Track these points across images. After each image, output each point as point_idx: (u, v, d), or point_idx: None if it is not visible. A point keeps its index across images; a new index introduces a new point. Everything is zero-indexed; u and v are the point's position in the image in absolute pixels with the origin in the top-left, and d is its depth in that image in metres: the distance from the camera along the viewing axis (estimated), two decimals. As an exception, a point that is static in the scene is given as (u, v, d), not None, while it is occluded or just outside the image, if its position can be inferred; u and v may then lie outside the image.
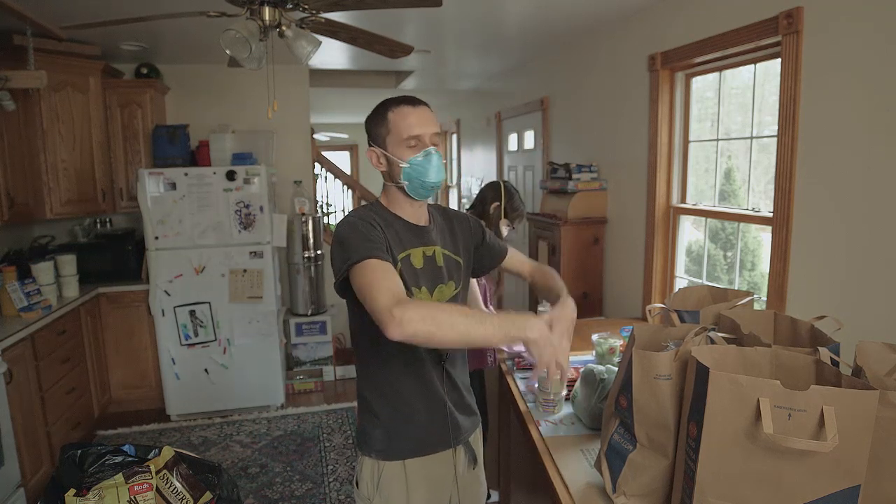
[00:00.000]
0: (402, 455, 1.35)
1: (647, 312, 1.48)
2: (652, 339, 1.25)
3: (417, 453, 1.36)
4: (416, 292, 1.30)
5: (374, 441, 1.35)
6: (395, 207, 1.36)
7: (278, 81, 4.04)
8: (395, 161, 1.29)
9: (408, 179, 1.30)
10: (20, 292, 2.85)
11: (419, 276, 1.32)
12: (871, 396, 0.87)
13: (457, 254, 1.43)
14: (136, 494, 1.80)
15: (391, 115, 1.29)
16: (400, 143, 1.28)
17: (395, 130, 1.29)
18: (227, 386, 3.66)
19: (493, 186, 2.41)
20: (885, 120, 1.67)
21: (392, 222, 1.32)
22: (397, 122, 1.29)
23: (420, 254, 1.33)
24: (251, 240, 3.57)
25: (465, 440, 1.44)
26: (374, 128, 1.33)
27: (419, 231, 1.36)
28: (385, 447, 1.34)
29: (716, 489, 0.95)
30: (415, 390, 1.34)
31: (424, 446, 1.36)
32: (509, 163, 5.05)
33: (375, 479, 1.35)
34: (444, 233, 1.43)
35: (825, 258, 1.90)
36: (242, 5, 1.98)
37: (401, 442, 1.35)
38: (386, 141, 1.30)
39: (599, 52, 3.31)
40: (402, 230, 1.33)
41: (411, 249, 1.32)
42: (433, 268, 1.35)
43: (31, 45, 2.89)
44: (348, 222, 1.26)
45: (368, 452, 1.36)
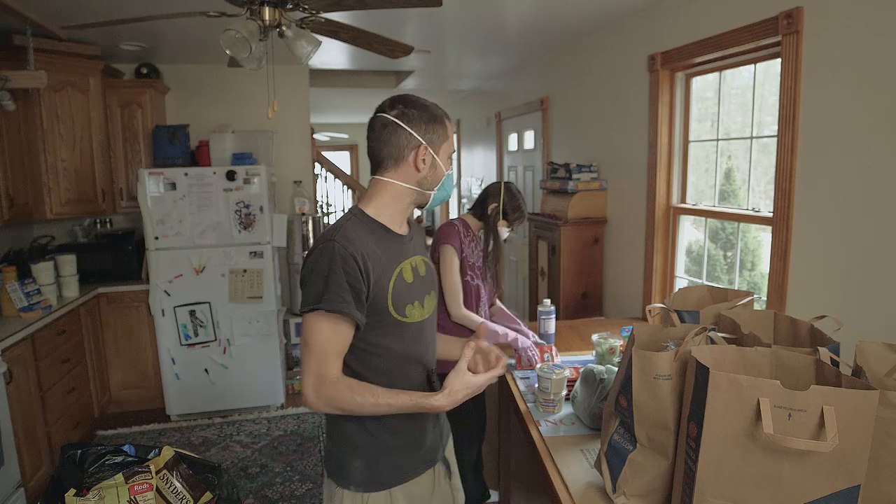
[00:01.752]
0: (386, 484, 1.28)
1: (647, 312, 1.48)
2: (652, 339, 1.25)
3: (402, 479, 1.30)
4: (411, 310, 1.26)
5: (353, 473, 1.27)
6: (382, 215, 1.27)
7: (278, 81, 4.04)
8: (441, 169, 1.29)
9: (440, 189, 1.31)
10: (20, 292, 2.85)
11: (413, 292, 1.27)
12: (871, 396, 0.87)
13: (431, 259, 1.44)
14: (136, 494, 1.80)
15: (448, 125, 1.30)
16: (448, 155, 1.31)
17: (450, 142, 1.31)
18: (227, 386, 3.66)
19: (494, 187, 2.37)
20: (884, 120, 1.67)
21: (381, 235, 1.25)
22: (450, 136, 1.31)
23: (409, 267, 1.29)
24: (251, 240, 3.57)
25: (441, 455, 1.41)
26: (431, 127, 1.26)
27: (403, 241, 1.30)
28: (367, 479, 1.27)
29: (716, 489, 0.95)
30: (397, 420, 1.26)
31: (408, 471, 1.31)
32: (509, 163, 5.05)
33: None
34: (419, 241, 1.40)
35: (825, 258, 1.90)
36: (242, 5, 1.98)
37: (383, 471, 1.28)
38: (440, 148, 1.28)
39: (599, 52, 3.31)
40: (392, 243, 1.27)
41: (401, 264, 1.26)
42: (420, 279, 1.31)
43: (31, 45, 2.89)
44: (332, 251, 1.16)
45: (347, 486, 1.27)
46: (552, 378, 1.68)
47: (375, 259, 1.20)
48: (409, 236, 1.33)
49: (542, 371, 1.70)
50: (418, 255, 1.34)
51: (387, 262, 1.23)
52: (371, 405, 1.15)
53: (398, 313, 1.23)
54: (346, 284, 1.14)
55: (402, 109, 1.24)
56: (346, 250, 1.15)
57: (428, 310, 1.33)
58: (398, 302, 1.23)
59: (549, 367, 1.71)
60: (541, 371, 1.71)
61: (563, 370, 1.72)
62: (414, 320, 1.27)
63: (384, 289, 1.21)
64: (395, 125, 1.23)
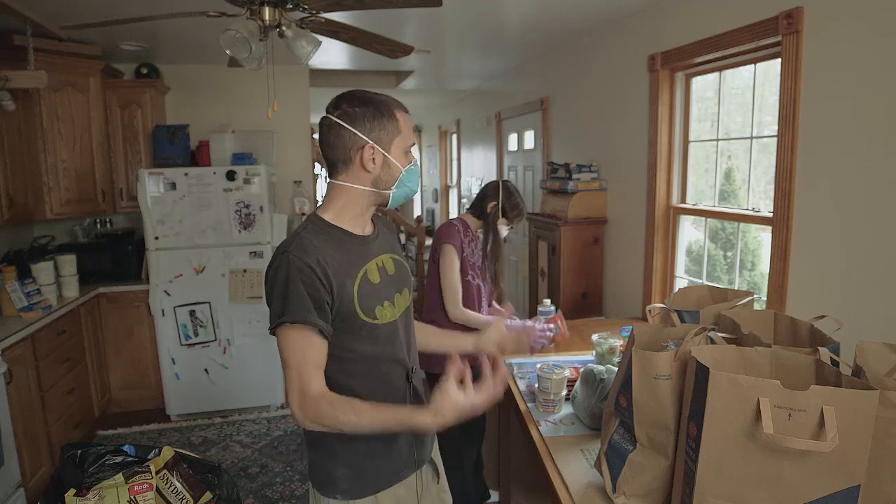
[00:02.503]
0: (371, 490, 1.25)
1: (647, 312, 1.48)
2: (652, 339, 1.25)
3: (388, 484, 1.27)
4: (381, 311, 1.22)
5: (337, 482, 1.24)
6: (342, 219, 1.23)
7: (278, 81, 4.04)
8: (396, 166, 1.22)
9: (399, 187, 1.24)
10: (20, 292, 2.85)
11: (380, 292, 1.24)
12: (871, 396, 0.87)
13: (401, 256, 1.38)
14: (136, 494, 1.80)
15: (399, 115, 1.22)
16: (402, 150, 1.22)
17: (404, 135, 1.22)
18: (227, 386, 3.66)
19: (491, 185, 2.38)
20: (884, 120, 1.67)
21: (340, 241, 1.21)
22: (404, 127, 1.22)
23: (374, 267, 1.24)
24: (251, 240, 3.57)
25: (427, 458, 1.38)
26: (377, 123, 1.18)
27: (367, 242, 1.26)
28: (351, 486, 1.24)
29: (716, 489, 0.95)
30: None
31: (393, 476, 1.28)
32: (509, 163, 5.06)
33: None
34: (388, 238, 1.36)
35: (825, 258, 1.90)
36: (242, 5, 1.98)
37: (368, 478, 1.25)
38: (392, 144, 1.20)
39: (599, 52, 3.31)
40: (353, 246, 1.22)
41: (366, 266, 1.23)
42: (388, 278, 1.28)
43: (31, 45, 2.89)
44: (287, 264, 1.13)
45: (333, 494, 1.24)
46: (552, 378, 1.68)
47: (335, 265, 1.16)
48: (373, 236, 1.29)
49: (542, 371, 1.70)
50: (385, 254, 1.30)
51: (348, 266, 1.19)
52: (353, 423, 1.11)
53: (367, 316, 1.20)
54: (305, 295, 1.11)
55: (344, 108, 1.18)
56: (302, 260, 1.12)
57: (400, 308, 1.29)
58: (365, 304, 1.20)
59: (549, 367, 1.71)
60: (541, 371, 1.71)
61: (563, 370, 1.72)
62: (385, 321, 1.24)
63: (349, 293, 1.17)
64: (339, 126, 1.18)
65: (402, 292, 1.31)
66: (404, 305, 1.31)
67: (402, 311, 1.30)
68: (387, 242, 1.34)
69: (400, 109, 1.23)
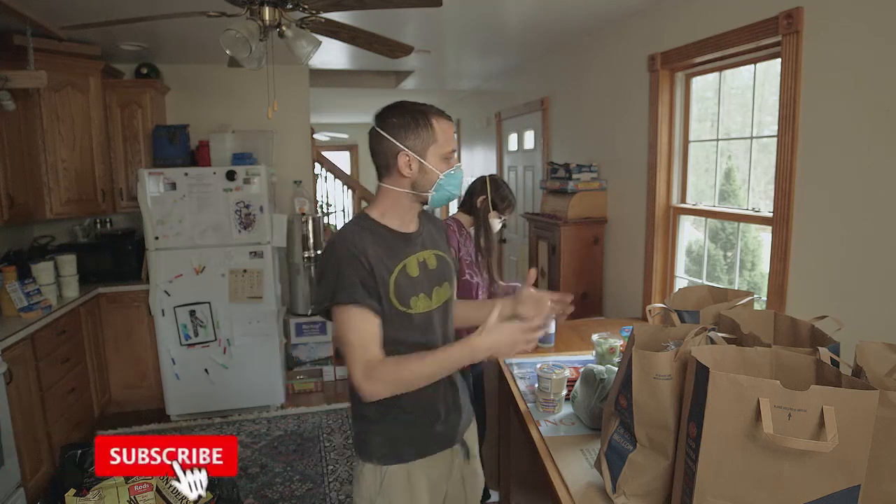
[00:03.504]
0: (404, 459, 1.36)
1: (647, 312, 1.48)
2: (652, 339, 1.25)
3: (418, 456, 1.37)
4: (416, 301, 1.33)
5: (373, 448, 1.36)
6: (388, 218, 1.35)
7: (278, 81, 4.03)
8: (433, 172, 1.32)
9: (437, 190, 1.34)
10: (20, 292, 2.85)
11: (416, 285, 1.34)
12: (871, 396, 0.87)
13: (445, 253, 1.47)
14: (136, 494, 1.80)
15: (436, 124, 1.31)
16: (441, 156, 1.32)
17: (440, 142, 1.31)
18: (227, 386, 3.66)
19: (478, 181, 2.43)
20: (884, 120, 1.67)
21: (383, 236, 1.33)
22: (440, 134, 1.31)
23: (414, 262, 1.35)
24: (251, 240, 3.57)
25: (460, 437, 1.47)
26: (412, 132, 1.30)
27: (409, 239, 1.37)
28: (386, 453, 1.36)
29: (716, 489, 0.95)
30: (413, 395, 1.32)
31: (425, 449, 1.38)
32: (509, 163, 5.05)
33: (378, 483, 1.36)
34: (433, 236, 1.46)
35: (825, 258, 1.90)
36: (242, 5, 1.98)
37: (401, 447, 1.36)
38: (427, 150, 1.31)
39: (599, 52, 3.31)
40: (395, 241, 1.34)
41: (405, 260, 1.33)
42: (427, 272, 1.37)
43: (31, 45, 2.89)
44: (335, 253, 1.27)
45: (369, 459, 1.37)
46: (552, 378, 1.68)
47: (376, 258, 1.28)
48: (417, 233, 1.39)
49: (542, 371, 1.70)
50: (428, 250, 1.40)
51: (388, 260, 1.30)
52: (418, 371, 1.21)
53: (402, 305, 1.30)
54: (356, 279, 1.24)
55: (385, 118, 1.31)
56: (349, 251, 1.26)
57: (437, 300, 1.38)
58: (401, 294, 1.30)
59: (549, 367, 1.71)
60: (541, 371, 1.71)
61: (563, 370, 1.72)
62: (419, 311, 1.34)
63: (386, 283, 1.28)
64: (380, 135, 1.31)
65: (442, 286, 1.41)
66: (443, 298, 1.41)
67: (440, 303, 1.40)
68: (431, 240, 1.44)
69: (439, 118, 1.32)
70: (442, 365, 1.23)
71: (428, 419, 1.38)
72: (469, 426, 1.53)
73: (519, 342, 1.20)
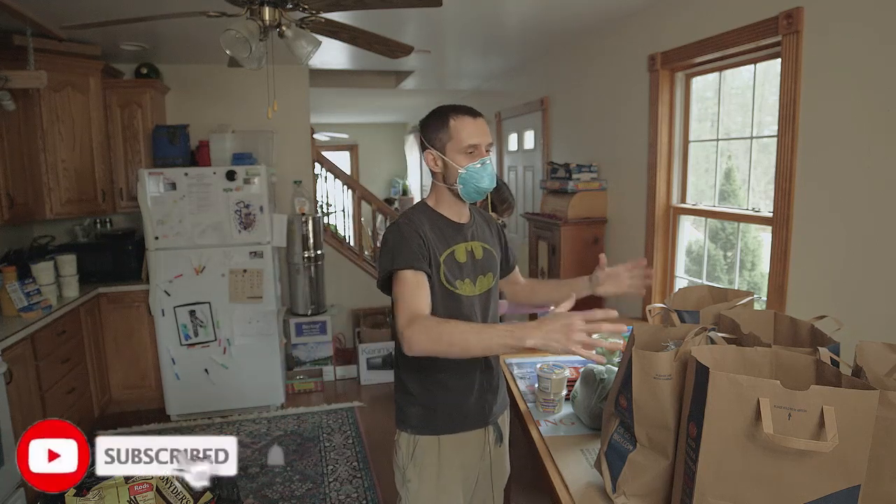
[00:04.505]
0: (436, 431, 1.46)
1: (647, 312, 1.48)
2: (652, 339, 1.25)
3: (451, 430, 1.47)
4: (461, 284, 1.44)
5: (410, 418, 1.48)
6: (441, 207, 1.48)
7: (278, 81, 4.03)
8: (453, 166, 1.41)
9: (463, 184, 1.41)
10: (20, 292, 2.85)
11: (463, 270, 1.45)
12: (871, 396, 0.87)
13: (493, 247, 1.57)
14: (136, 494, 1.80)
15: (453, 122, 1.40)
16: (460, 151, 1.40)
17: (457, 138, 1.40)
18: (227, 386, 3.66)
19: None
20: (884, 120, 1.67)
21: (437, 222, 1.46)
22: (459, 131, 1.40)
23: (462, 249, 1.46)
24: (251, 240, 3.57)
25: (494, 420, 1.55)
26: (434, 132, 1.42)
27: (461, 228, 1.48)
28: (420, 423, 1.47)
29: (716, 489, 0.95)
30: (451, 374, 1.45)
31: (458, 424, 1.48)
32: (509, 163, 5.05)
33: (411, 450, 1.47)
34: (483, 229, 1.57)
35: (825, 258, 1.90)
36: (242, 5, 1.98)
37: (436, 419, 1.46)
38: (446, 146, 1.41)
39: (599, 52, 3.31)
40: (447, 228, 1.46)
41: (455, 246, 1.45)
42: (474, 261, 1.49)
43: (31, 45, 2.89)
44: (398, 228, 1.40)
45: (405, 428, 1.49)
46: (552, 378, 1.68)
47: (432, 237, 1.41)
48: (468, 224, 1.51)
49: (543, 371, 1.70)
50: (477, 241, 1.52)
51: (439, 242, 1.43)
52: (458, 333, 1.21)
53: (448, 283, 1.42)
54: (414, 251, 1.35)
55: (422, 122, 1.46)
56: (410, 227, 1.39)
57: (480, 288, 1.49)
58: (449, 275, 1.42)
59: (549, 367, 1.71)
60: (541, 371, 1.71)
61: (563, 370, 1.72)
62: (464, 293, 1.45)
63: (437, 261, 1.41)
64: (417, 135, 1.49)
65: (486, 275, 1.51)
66: (486, 287, 1.51)
67: (483, 291, 1.50)
68: (480, 232, 1.55)
69: (457, 115, 1.41)
70: (481, 336, 1.20)
71: (464, 396, 1.47)
72: (503, 413, 1.61)
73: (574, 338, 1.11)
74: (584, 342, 1.12)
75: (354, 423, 3.56)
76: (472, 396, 1.49)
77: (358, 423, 3.58)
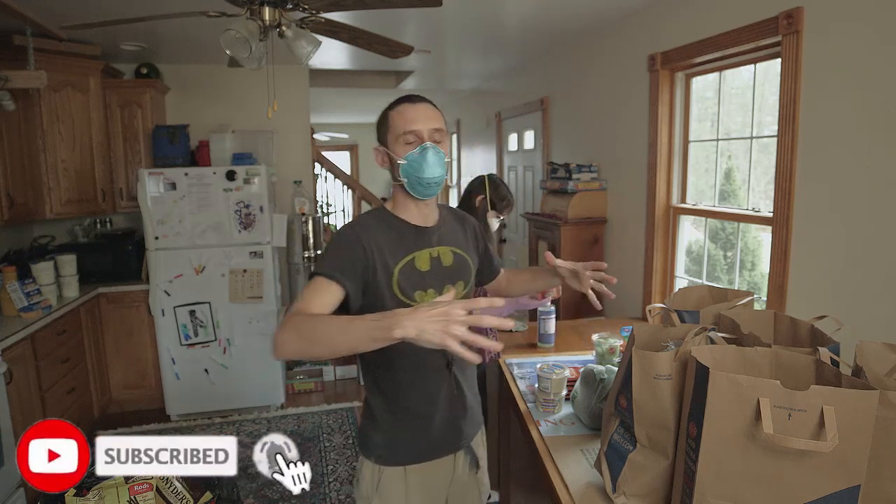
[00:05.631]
0: (402, 461, 1.34)
1: (647, 312, 1.48)
2: (652, 339, 1.24)
3: (418, 460, 1.35)
4: (422, 295, 1.29)
5: (374, 446, 1.35)
6: (400, 210, 1.34)
7: (278, 81, 4.03)
8: (395, 158, 1.28)
9: (406, 176, 1.28)
10: (20, 292, 2.85)
11: (425, 279, 1.30)
12: (871, 396, 0.87)
13: (466, 252, 1.42)
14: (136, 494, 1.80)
15: (391, 113, 1.30)
16: (398, 140, 1.27)
17: (394, 127, 1.28)
18: (227, 386, 3.66)
19: (476, 180, 2.43)
20: (884, 120, 1.67)
21: (394, 227, 1.31)
22: (395, 119, 1.28)
23: (426, 256, 1.32)
24: (251, 240, 3.57)
25: (466, 445, 1.44)
26: (379, 127, 1.33)
27: (424, 232, 1.34)
28: (385, 453, 1.34)
29: (716, 489, 0.95)
30: (419, 398, 1.32)
31: (425, 453, 1.36)
32: (509, 163, 5.05)
33: (375, 482, 1.35)
34: (455, 232, 1.42)
35: (825, 258, 1.90)
36: (242, 5, 1.98)
37: (401, 449, 1.34)
38: (387, 139, 1.30)
39: (599, 52, 3.31)
40: (406, 233, 1.31)
41: (416, 252, 1.30)
42: (440, 268, 1.34)
43: (31, 45, 2.89)
44: (339, 235, 1.29)
45: (368, 456, 1.36)
46: (552, 378, 1.68)
47: (381, 246, 1.27)
48: (435, 227, 1.36)
49: (542, 371, 1.70)
50: (446, 246, 1.37)
51: (395, 250, 1.28)
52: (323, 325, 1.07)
53: (404, 296, 1.27)
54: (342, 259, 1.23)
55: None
56: (353, 232, 1.27)
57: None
58: (405, 286, 1.27)
59: (549, 367, 1.71)
60: (541, 371, 1.71)
61: (563, 370, 1.72)
62: None
63: (389, 272, 1.26)
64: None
65: (457, 284, 1.36)
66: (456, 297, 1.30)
67: None
68: (451, 236, 1.40)
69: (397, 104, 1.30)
70: (346, 329, 1.03)
71: (432, 422, 1.35)
72: (477, 435, 1.49)
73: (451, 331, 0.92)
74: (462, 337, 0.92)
75: (354, 423, 3.56)
76: (441, 421, 1.35)
77: (358, 423, 3.58)
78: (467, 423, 1.42)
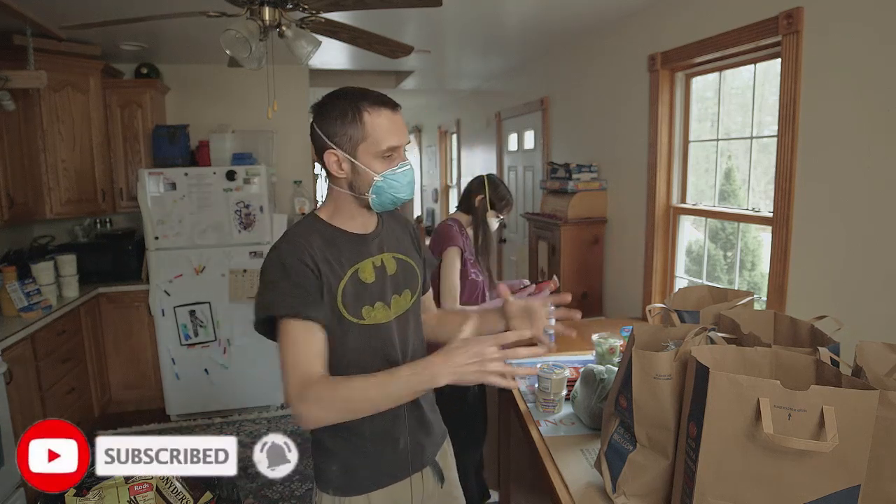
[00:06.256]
0: (363, 489, 1.23)
1: (647, 312, 1.48)
2: (652, 339, 1.25)
3: (380, 485, 1.24)
4: (370, 312, 1.18)
5: (330, 477, 1.23)
6: (338, 219, 1.20)
7: (278, 81, 4.03)
8: (367, 172, 1.14)
9: (377, 193, 1.15)
10: (20, 292, 2.85)
11: (372, 292, 1.19)
12: (871, 396, 0.87)
13: (408, 256, 1.30)
14: (136, 494, 1.80)
15: (368, 117, 1.11)
16: (376, 154, 1.13)
17: (374, 138, 1.12)
18: (227, 386, 3.66)
19: (476, 181, 2.44)
20: (884, 120, 1.67)
21: (333, 239, 1.18)
22: (376, 129, 1.12)
23: (369, 266, 1.19)
24: (251, 240, 3.57)
25: (430, 460, 1.33)
26: (340, 126, 1.12)
27: (365, 240, 1.21)
28: (344, 483, 1.23)
29: (716, 489, 0.95)
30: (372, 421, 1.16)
31: (386, 477, 1.25)
32: (509, 163, 5.05)
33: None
34: (396, 236, 1.30)
35: (825, 258, 1.90)
36: (242, 5, 1.98)
37: (361, 476, 1.23)
38: (358, 147, 1.12)
39: (599, 52, 3.31)
40: (346, 244, 1.18)
41: (359, 264, 1.18)
42: (385, 278, 1.22)
43: (31, 45, 2.89)
44: (279, 257, 1.12)
45: (326, 489, 1.23)
46: (552, 378, 1.68)
47: (325, 262, 1.14)
48: (373, 234, 1.23)
49: (542, 371, 1.70)
50: (388, 253, 1.24)
51: (337, 265, 1.15)
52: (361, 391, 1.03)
53: (351, 315, 1.16)
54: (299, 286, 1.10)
55: (318, 109, 1.15)
56: (293, 256, 1.11)
57: (398, 309, 1.24)
58: (351, 303, 1.16)
59: (549, 367, 1.71)
60: (541, 371, 1.71)
61: (563, 370, 1.72)
62: (375, 322, 1.19)
63: (334, 291, 1.14)
64: (312, 126, 1.15)
65: (403, 294, 1.25)
66: (404, 307, 1.26)
67: (401, 312, 1.25)
68: (392, 241, 1.27)
69: (373, 108, 1.12)
70: (387, 389, 1.02)
71: (390, 445, 1.24)
72: (441, 447, 1.38)
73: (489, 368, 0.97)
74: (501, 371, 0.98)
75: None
76: (400, 441, 1.25)
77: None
78: (428, 438, 1.32)
